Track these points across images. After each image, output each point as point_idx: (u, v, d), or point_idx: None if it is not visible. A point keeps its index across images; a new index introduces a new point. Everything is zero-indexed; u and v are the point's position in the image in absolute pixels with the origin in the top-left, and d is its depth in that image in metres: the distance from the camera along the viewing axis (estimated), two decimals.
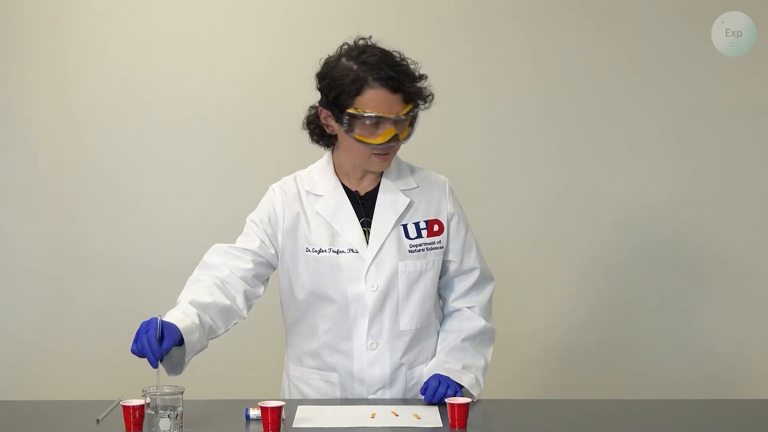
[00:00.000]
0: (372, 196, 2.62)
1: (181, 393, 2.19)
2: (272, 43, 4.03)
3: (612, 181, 4.02)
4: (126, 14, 4.02)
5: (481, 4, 4.02)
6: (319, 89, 2.58)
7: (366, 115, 2.46)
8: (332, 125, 2.56)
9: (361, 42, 2.55)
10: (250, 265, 2.58)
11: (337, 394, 2.61)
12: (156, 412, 2.15)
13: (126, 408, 2.23)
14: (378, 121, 2.47)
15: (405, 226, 2.60)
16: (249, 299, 2.60)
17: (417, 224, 2.61)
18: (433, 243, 2.62)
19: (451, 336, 2.64)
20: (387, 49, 2.52)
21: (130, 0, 4.02)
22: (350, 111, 2.47)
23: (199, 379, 3.98)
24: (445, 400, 2.31)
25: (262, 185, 4.09)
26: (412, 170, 2.69)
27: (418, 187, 2.65)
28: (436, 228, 2.63)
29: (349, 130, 2.49)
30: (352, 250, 2.56)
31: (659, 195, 4.02)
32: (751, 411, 2.58)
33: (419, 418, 2.35)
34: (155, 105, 4.04)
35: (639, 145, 4.00)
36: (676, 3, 4.00)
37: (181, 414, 2.18)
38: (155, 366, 2.25)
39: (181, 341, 2.34)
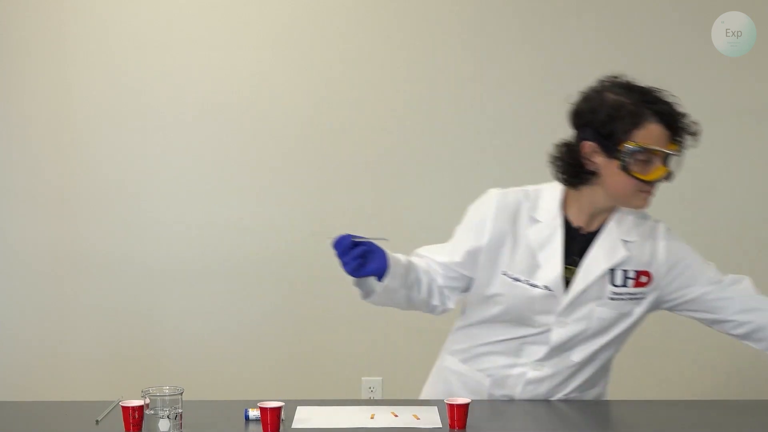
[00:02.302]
0: (590, 236, 2.53)
1: (181, 393, 2.19)
2: (273, 44, 4.04)
3: None
4: (126, 14, 4.02)
5: (481, 4, 4.02)
6: (584, 123, 2.48)
7: (648, 148, 2.39)
8: (597, 160, 2.45)
9: (622, 79, 2.48)
10: (441, 282, 2.55)
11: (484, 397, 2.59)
12: (155, 413, 2.15)
13: (125, 408, 2.23)
14: (651, 158, 2.40)
15: (613, 272, 2.51)
16: (443, 303, 2.57)
17: (625, 272, 2.51)
18: (636, 294, 2.53)
19: None
20: (651, 86, 2.45)
21: (131, 0, 4.03)
22: (628, 145, 2.39)
23: (199, 379, 4.00)
24: (445, 400, 2.31)
25: (262, 186, 4.12)
26: (637, 218, 2.57)
27: (637, 240, 2.54)
28: (644, 279, 2.53)
29: (625, 164, 2.40)
30: (548, 288, 2.48)
31: (659, 195, 4.00)
32: (751, 411, 2.58)
33: (418, 419, 2.35)
34: (155, 105, 4.04)
35: None
36: (676, 3, 4.00)
37: (181, 415, 2.18)
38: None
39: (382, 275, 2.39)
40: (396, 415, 2.38)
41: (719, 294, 2.56)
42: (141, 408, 2.22)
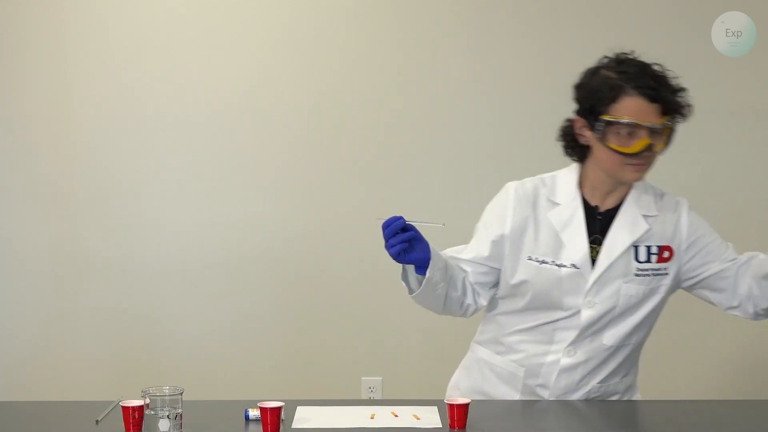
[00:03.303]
0: (610, 214, 2.55)
1: (181, 393, 2.19)
2: (273, 44, 4.04)
3: None
4: (126, 15, 4.03)
5: (481, 4, 4.03)
6: (576, 99, 2.54)
7: (620, 122, 2.41)
8: (586, 134, 2.50)
9: (621, 55, 2.53)
10: (470, 279, 2.58)
11: (516, 394, 2.59)
12: (155, 413, 2.15)
13: (125, 408, 2.23)
14: (633, 130, 2.42)
15: (636, 248, 2.53)
16: (476, 301, 2.60)
17: (648, 248, 2.54)
18: (660, 269, 2.55)
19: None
20: (647, 61, 2.49)
21: (131, 1, 4.03)
22: (605, 118, 2.43)
23: (199, 379, 4.00)
24: (445, 400, 2.31)
25: (262, 186, 4.12)
26: (656, 196, 2.60)
27: (658, 215, 2.56)
28: (666, 254, 2.55)
29: (603, 137, 2.44)
30: (574, 266, 2.50)
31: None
32: (752, 412, 2.58)
33: (419, 419, 2.35)
34: (155, 105, 4.04)
35: None
36: (676, 3, 4.00)
37: (181, 415, 2.18)
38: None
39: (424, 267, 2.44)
40: (396, 415, 2.38)
41: (736, 271, 2.57)
42: (141, 408, 2.22)
